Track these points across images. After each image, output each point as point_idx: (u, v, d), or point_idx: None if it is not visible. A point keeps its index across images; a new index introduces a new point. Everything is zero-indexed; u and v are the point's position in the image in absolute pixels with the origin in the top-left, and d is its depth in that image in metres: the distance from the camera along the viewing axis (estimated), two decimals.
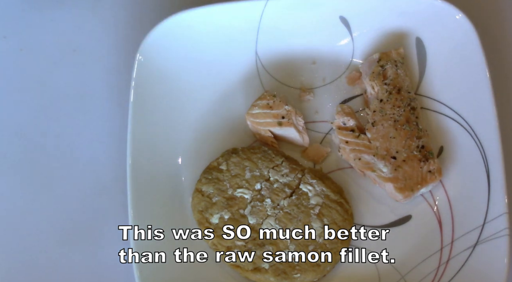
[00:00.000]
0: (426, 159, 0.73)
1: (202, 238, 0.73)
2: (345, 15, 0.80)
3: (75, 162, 0.79)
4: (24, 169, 0.79)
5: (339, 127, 0.76)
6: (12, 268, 0.74)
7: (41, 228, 0.76)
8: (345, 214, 0.73)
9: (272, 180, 0.74)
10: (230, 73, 0.81)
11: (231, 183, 0.74)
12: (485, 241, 0.69)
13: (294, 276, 0.70)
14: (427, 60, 0.79)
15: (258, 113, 0.77)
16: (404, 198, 0.73)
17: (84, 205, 0.77)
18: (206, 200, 0.73)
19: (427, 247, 0.72)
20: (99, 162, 0.79)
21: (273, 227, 0.72)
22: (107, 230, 0.76)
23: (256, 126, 0.77)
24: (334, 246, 0.71)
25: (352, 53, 0.81)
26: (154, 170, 0.75)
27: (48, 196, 0.77)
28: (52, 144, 0.80)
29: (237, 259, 0.71)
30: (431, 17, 0.78)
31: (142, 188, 0.72)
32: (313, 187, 0.73)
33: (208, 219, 0.72)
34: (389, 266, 0.72)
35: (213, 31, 0.79)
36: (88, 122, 0.80)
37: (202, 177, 0.75)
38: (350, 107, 0.76)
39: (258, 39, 0.81)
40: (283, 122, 0.76)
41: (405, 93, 0.76)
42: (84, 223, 0.76)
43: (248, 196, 0.73)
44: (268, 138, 0.77)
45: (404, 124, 0.74)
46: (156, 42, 0.76)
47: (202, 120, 0.79)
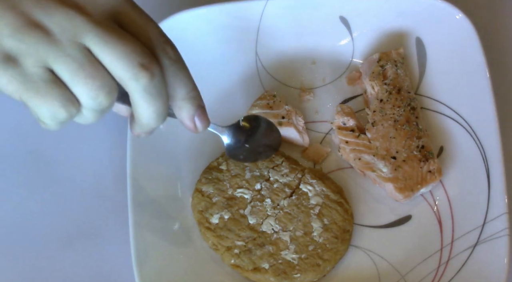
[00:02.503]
0: (426, 159, 0.73)
1: (202, 238, 0.73)
2: (345, 15, 0.80)
3: (75, 161, 0.79)
4: (24, 169, 0.79)
5: (339, 127, 0.76)
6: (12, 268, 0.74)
7: (40, 228, 0.76)
8: (345, 214, 0.73)
9: (272, 180, 0.74)
10: (230, 73, 0.81)
11: (231, 183, 0.74)
12: (485, 241, 0.69)
13: (294, 276, 0.70)
14: (427, 60, 0.79)
15: (258, 113, 0.77)
16: (404, 198, 0.72)
17: (84, 205, 0.77)
18: (206, 200, 0.73)
19: (427, 247, 0.72)
20: (99, 162, 0.79)
21: (273, 227, 0.72)
22: (107, 230, 0.75)
23: None
24: (334, 246, 0.71)
25: (352, 53, 0.81)
26: (154, 170, 0.75)
27: (48, 196, 0.77)
28: (52, 143, 0.80)
29: (237, 259, 0.71)
30: (431, 17, 0.78)
31: (142, 188, 0.72)
32: (313, 187, 0.73)
33: (208, 219, 0.72)
34: (389, 266, 0.72)
35: (212, 31, 0.79)
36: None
37: (202, 177, 0.75)
38: (350, 107, 0.76)
39: (258, 39, 0.81)
40: (283, 122, 0.76)
41: (405, 93, 0.76)
42: (84, 223, 0.76)
43: (248, 196, 0.73)
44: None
45: (404, 124, 0.74)
46: None
47: None
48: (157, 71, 0.50)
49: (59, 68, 0.47)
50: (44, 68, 0.47)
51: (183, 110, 0.55)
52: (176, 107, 0.55)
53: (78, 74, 0.47)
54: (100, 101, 0.48)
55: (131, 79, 0.49)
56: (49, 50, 0.46)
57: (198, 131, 0.58)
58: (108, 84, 0.49)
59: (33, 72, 0.47)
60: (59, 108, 0.48)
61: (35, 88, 0.47)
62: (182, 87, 0.54)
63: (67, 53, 0.47)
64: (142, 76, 0.49)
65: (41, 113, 0.49)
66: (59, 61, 0.47)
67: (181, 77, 0.53)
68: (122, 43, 0.48)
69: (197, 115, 0.56)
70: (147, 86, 0.49)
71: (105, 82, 0.48)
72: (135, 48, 0.48)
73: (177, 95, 0.54)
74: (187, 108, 0.55)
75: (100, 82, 0.48)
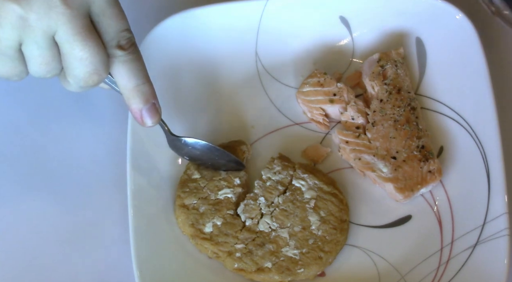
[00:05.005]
0: (426, 159, 0.73)
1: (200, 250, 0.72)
2: (345, 15, 0.80)
3: (75, 161, 0.79)
4: (24, 169, 0.78)
5: (346, 122, 0.76)
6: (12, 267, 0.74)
7: (40, 228, 0.75)
8: (341, 204, 0.73)
9: (265, 178, 0.74)
10: (230, 73, 0.80)
11: (210, 188, 0.73)
12: (485, 241, 0.69)
13: (298, 272, 0.70)
14: (427, 60, 0.79)
15: (308, 91, 0.77)
16: (404, 198, 0.72)
17: (84, 205, 0.77)
18: (193, 213, 0.72)
19: (427, 247, 0.72)
20: (99, 162, 0.78)
21: (270, 225, 0.72)
22: (107, 230, 0.75)
23: (308, 104, 0.77)
24: (334, 237, 0.71)
25: (352, 53, 0.81)
26: (154, 170, 0.75)
27: (47, 196, 0.77)
28: (52, 143, 0.79)
29: (240, 262, 0.70)
30: (431, 17, 0.78)
31: (142, 188, 0.72)
32: (305, 181, 0.73)
33: (202, 230, 0.71)
34: (389, 266, 0.72)
35: (212, 31, 0.79)
36: (88, 122, 0.80)
37: (180, 192, 0.73)
38: (363, 105, 0.76)
39: (258, 39, 0.81)
40: (334, 99, 0.76)
41: (405, 93, 0.76)
42: (84, 223, 0.76)
43: (232, 195, 0.73)
44: (320, 116, 0.77)
45: (404, 124, 0.74)
46: (155, 42, 0.76)
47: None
48: (104, 76, 0.58)
49: (25, 50, 0.56)
50: (15, 48, 0.55)
51: (130, 102, 0.60)
52: (125, 98, 0.60)
53: (36, 60, 0.56)
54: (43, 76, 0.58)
55: (79, 80, 0.57)
56: (22, 34, 0.54)
57: (145, 125, 0.63)
58: (56, 71, 0.58)
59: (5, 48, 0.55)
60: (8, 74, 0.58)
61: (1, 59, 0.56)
62: (131, 78, 0.59)
63: (35, 40, 0.54)
64: (90, 80, 0.57)
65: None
66: (27, 44, 0.55)
67: (131, 68, 0.58)
68: (84, 47, 0.55)
69: (145, 110, 0.61)
70: (90, 87, 0.59)
71: (55, 68, 0.57)
72: (93, 55, 0.56)
73: (127, 85, 0.59)
74: (134, 101, 0.60)
75: (50, 68, 0.57)
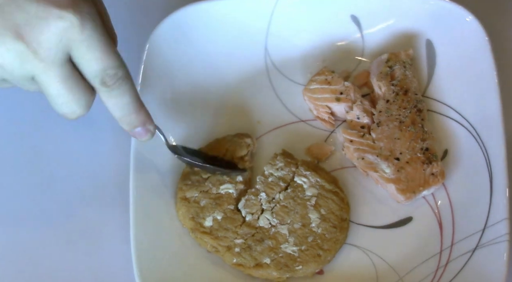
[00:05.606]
0: (430, 161, 0.73)
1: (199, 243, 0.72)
2: (356, 14, 0.80)
3: (75, 161, 0.78)
4: (24, 169, 0.78)
5: (351, 121, 0.76)
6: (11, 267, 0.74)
7: (40, 228, 0.75)
8: (341, 202, 0.73)
9: (267, 173, 0.74)
10: (239, 68, 0.80)
11: (212, 181, 0.73)
12: (484, 245, 0.69)
13: (296, 268, 0.70)
14: (437, 63, 0.79)
15: (315, 88, 0.77)
16: (406, 200, 0.72)
17: (84, 205, 0.76)
18: (194, 206, 0.72)
19: (426, 249, 0.72)
20: (100, 162, 0.78)
21: (270, 221, 0.72)
22: (107, 230, 0.75)
23: (314, 101, 0.77)
24: (333, 236, 0.71)
25: (362, 52, 0.81)
26: (156, 169, 0.75)
27: (48, 196, 0.77)
28: (52, 143, 0.79)
29: (238, 257, 0.71)
30: (441, 19, 0.77)
31: (143, 188, 0.72)
32: (307, 178, 0.73)
33: (202, 224, 0.72)
34: (388, 267, 0.72)
35: (223, 25, 0.79)
36: (88, 122, 0.80)
37: (182, 185, 0.73)
38: (369, 105, 0.76)
39: (268, 35, 0.81)
40: (341, 98, 0.76)
41: (412, 94, 0.76)
42: (84, 223, 0.76)
43: (233, 190, 0.73)
44: (325, 114, 0.77)
45: (409, 126, 0.74)
46: (163, 36, 0.76)
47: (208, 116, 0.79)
48: (84, 113, 0.60)
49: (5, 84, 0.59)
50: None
51: (122, 125, 0.64)
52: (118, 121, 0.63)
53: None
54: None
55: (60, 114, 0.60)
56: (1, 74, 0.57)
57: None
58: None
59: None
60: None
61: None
62: (116, 111, 0.62)
63: (15, 82, 0.58)
64: (70, 117, 0.60)
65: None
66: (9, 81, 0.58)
67: (116, 103, 0.61)
68: (58, 95, 0.57)
69: (132, 133, 0.65)
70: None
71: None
72: (68, 101, 0.58)
73: (113, 114, 0.62)
74: (122, 125, 0.64)
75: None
